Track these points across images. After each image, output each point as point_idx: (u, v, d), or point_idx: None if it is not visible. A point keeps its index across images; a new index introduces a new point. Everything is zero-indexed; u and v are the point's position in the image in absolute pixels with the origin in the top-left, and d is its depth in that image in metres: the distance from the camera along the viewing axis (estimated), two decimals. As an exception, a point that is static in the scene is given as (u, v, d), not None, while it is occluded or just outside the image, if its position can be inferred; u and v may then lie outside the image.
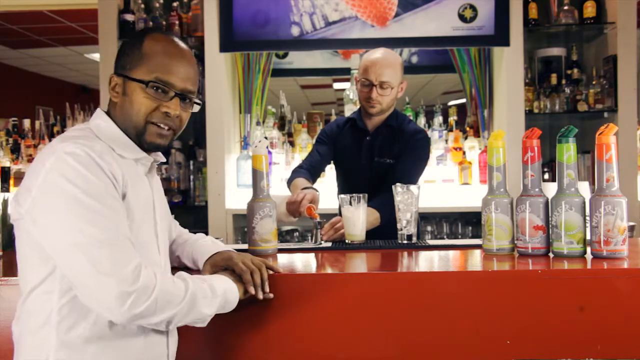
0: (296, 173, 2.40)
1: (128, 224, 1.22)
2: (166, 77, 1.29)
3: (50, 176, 1.15)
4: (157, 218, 1.35)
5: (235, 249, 1.50)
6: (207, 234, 1.61)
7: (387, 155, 2.41)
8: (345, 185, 2.51)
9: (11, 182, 3.76)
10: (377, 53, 2.37)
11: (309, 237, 3.56)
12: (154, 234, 1.34)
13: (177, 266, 1.54)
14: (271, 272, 1.42)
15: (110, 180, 1.19)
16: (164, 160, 1.44)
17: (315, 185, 2.35)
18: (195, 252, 1.50)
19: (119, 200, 1.20)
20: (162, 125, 1.31)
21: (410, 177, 2.31)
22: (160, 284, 1.17)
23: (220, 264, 1.39)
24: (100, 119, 1.32)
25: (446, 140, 3.70)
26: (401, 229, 1.92)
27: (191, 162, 3.72)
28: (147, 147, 1.33)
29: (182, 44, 1.36)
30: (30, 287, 1.22)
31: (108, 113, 1.34)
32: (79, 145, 1.18)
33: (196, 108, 1.40)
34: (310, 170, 2.44)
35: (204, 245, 1.51)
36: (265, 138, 3.55)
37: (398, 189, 1.92)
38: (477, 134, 3.70)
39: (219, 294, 1.27)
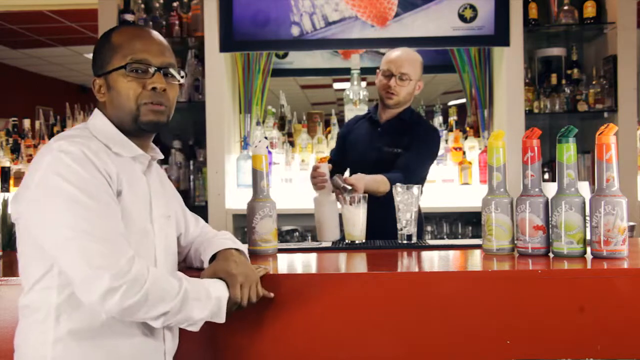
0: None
1: (124, 222, 1.23)
2: (141, 56, 1.31)
3: (46, 174, 1.18)
4: (153, 215, 1.35)
5: None
6: None
7: (396, 146, 2.46)
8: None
9: (11, 182, 3.77)
10: (400, 50, 2.50)
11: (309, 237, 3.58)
12: (152, 231, 1.34)
13: (200, 267, 1.48)
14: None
15: (105, 177, 1.21)
16: (162, 157, 1.45)
17: None
18: (204, 251, 1.47)
19: (113, 197, 1.23)
20: (154, 102, 1.32)
21: (416, 166, 2.38)
22: (152, 278, 1.18)
23: (219, 275, 1.35)
24: (97, 119, 1.35)
25: (446, 140, 3.69)
26: (401, 229, 1.92)
27: (191, 162, 3.72)
28: (146, 129, 1.34)
29: (148, 28, 1.40)
30: (31, 284, 1.25)
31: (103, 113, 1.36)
32: (74, 144, 1.21)
33: (181, 80, 1.40)
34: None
35: (212, 244, 1.47)
36: (265, 138, 3.55)
37: (398, 189, 1.92)
38: (477, 134, 3.70)
39: (213, 299, 1.27)
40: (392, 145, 2.46)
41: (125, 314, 1.16)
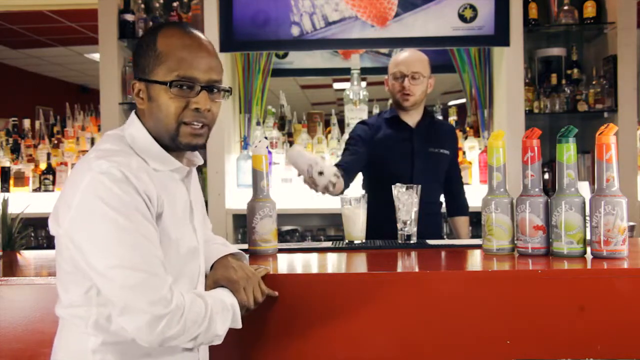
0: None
1: (165, 242, 1.21)
2: (189, 73, 1.23)
3: (86, 196, 1.14)
4: (195, 223, 1.33)
5: (239, 249, 1.49)
6: None
7: (440, 147, 2.54)
8: (385, 182, 2.20)
9: (11, 182, 3.77)
10: (407, 51, 2.52)
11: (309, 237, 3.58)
12: (196, 240, 1.32)
13: None
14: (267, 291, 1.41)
15: (144, 201, 1.17)
16: (202, 162, 1.41)
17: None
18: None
19: (152, 221, 1.19)
20: (195, 124, 1.25)
21: (458, 170, 2.73)
22: (188, 304, 1.17)
23: (221, 283, 1.36)
24: (133, 128, 1.28)
25: (446, 140, 3.69)
26: (401, 229, 1.92)
27: (191, 162, 3.72)
28: (184, 149, 1.29)
29: (197, 34, 1.28)
30: (71, 299, 1.23)
31: (140, 119, 1.29)
32: (114, 164, 1.16)
33: (226, 96, 1.31)
34: (343, 166, 2.31)
35: (209, 253, 1.46)
36: (265, 138, 3.55)
37: (398, 189, 1.92)
38: (477, 134, 3.70)
39: (229, 308, 1.27)
40: (436, 146, 2.53)
41: (165, 342, 1.15)
